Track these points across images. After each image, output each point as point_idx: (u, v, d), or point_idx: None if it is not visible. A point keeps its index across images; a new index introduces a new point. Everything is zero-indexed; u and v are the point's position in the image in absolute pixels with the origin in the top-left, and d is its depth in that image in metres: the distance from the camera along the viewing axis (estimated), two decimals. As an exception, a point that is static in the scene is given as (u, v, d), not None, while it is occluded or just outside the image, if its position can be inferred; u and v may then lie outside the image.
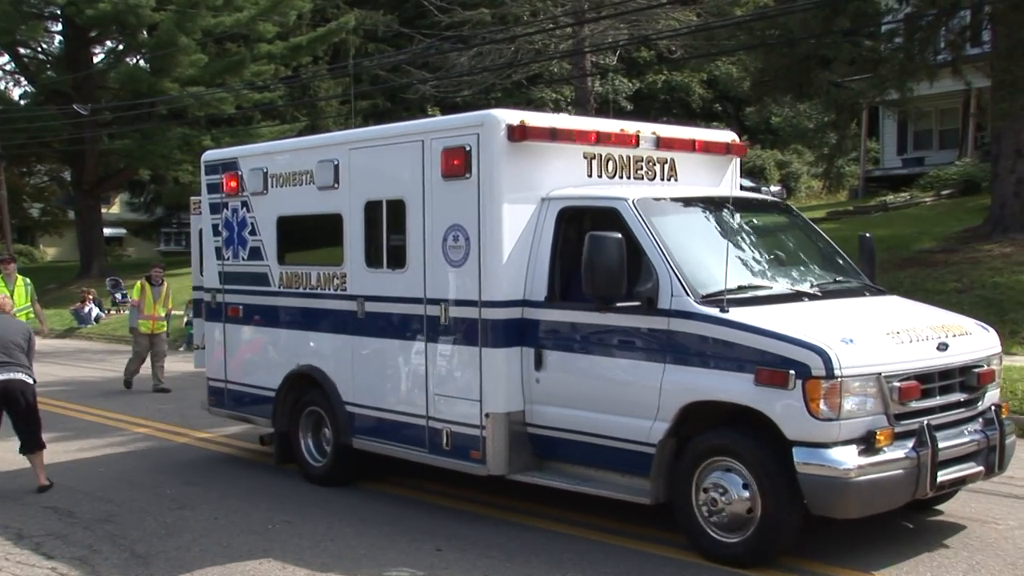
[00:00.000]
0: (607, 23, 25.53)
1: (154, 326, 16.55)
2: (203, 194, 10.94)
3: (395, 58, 34.86)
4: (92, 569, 7.12)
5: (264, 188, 10.04)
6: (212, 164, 10.88)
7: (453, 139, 8.13)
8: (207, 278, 10.99)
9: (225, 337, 10.64)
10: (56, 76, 38.48)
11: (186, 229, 66.35)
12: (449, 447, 8.23)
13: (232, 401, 10.64)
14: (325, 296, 9.38)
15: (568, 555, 7.18)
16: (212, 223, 10.77)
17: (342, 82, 43.49)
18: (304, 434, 9.71)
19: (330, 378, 9.29)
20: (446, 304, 8.21)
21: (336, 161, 9.25)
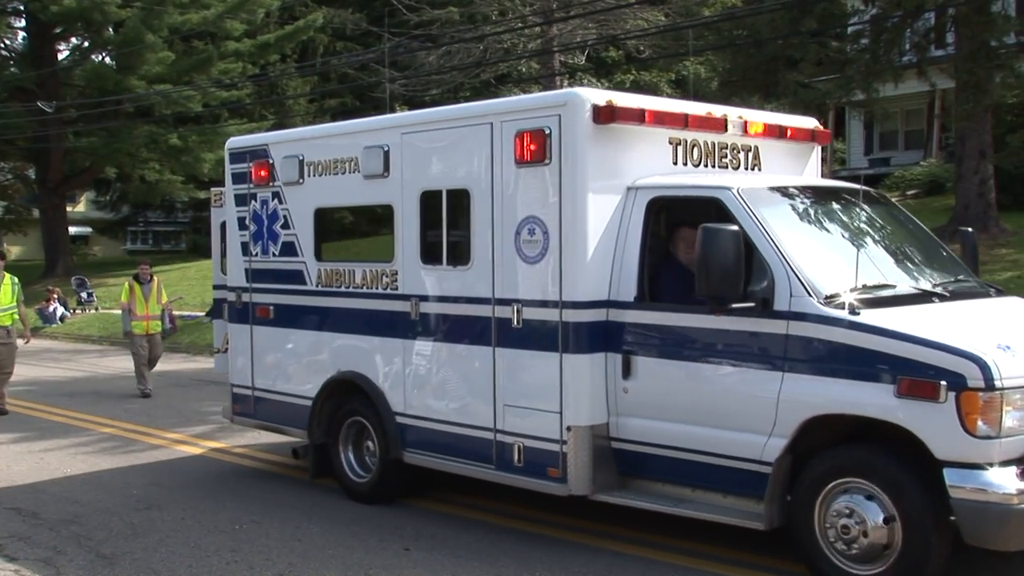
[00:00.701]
0: (576, 23, 25.57)
1: (149, 326, 15.74)
2: (227, 185, 10.19)
3: (363, 57, 34.74)
4: (57, 571, 7.07)
5: (299, 177, 9.26)
6: (238, 152, 10.05)
7: (530, 121, 7.35)
8: (231, 276, 10.20)
9: (252, 340, 9.83)
10: (20, 73, 38.05)
11: (153, 227, 66.62)
12: (521, 463, 7.45)
13: (260, 410, 9.82)
14: (372, 296, 8.61)
15: (537, 554, 7.20)
16: (238, 216, 9.98)
17: (310, 80, 43.38)
18: (344, 447, 8.97)
19: (377, 386, 8.53)
20: (519, 305, 7.44)
21: (386, 147, 8.44)
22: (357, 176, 8.74)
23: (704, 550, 7.15)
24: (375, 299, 8.59)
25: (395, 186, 8.40)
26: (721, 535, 7.02)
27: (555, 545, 7.42)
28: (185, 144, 37.03)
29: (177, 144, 36.80)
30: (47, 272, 38.67)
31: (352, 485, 8.88)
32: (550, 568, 6.91)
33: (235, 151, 10.12)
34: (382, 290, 8.53)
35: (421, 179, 8.22)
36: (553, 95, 7.65)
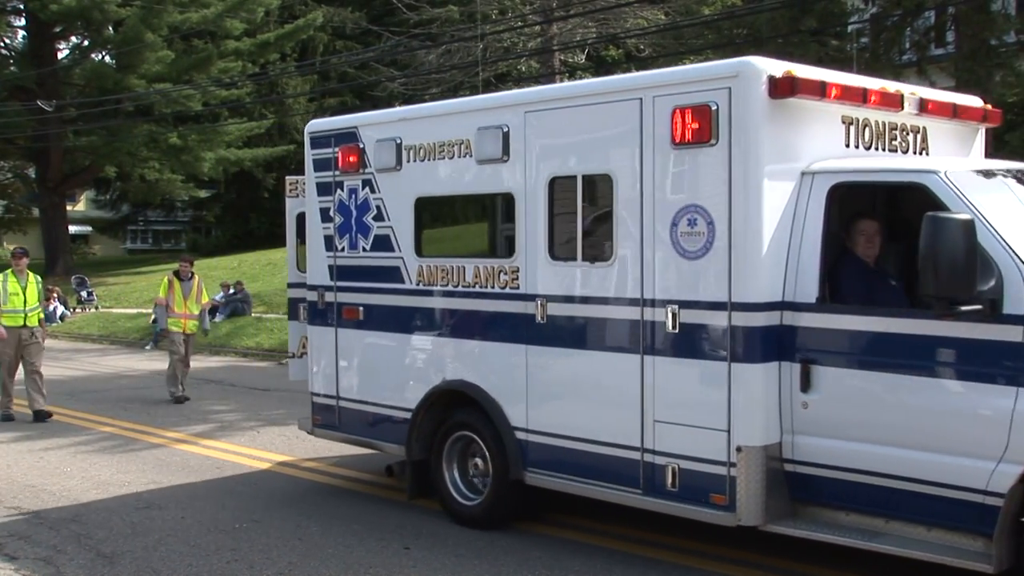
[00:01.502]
0: (575, 21, 25.58)
1: (187, 325, 14.93)
2: (307, 172, 9.28)
3: (363, 55, 34.74)
4: (57, 570, 7.07)
5: (397, 163, 8.38)
6: (321, 135, 9.13)
7: (690, 95, 6.47)
8: (311, 273, 9.31)
9: (337, 344, 8.95)
10: (20, 72, 38.08)
11: (153, 227, 66.50)
12: (676, 488, 6.58)
13: (347, 422, 8.93)
14: (487, 296, 7.70)
15: (536, 552, 7.21)
16: (320, 207, 9.12)
17: (310, 79, 43.40)
18: (449, 464, 8.10)
19: (492, 397, 7.64)
20: (675, 306, 6.54)
21: (505, 127, 7.54)
22: (468, 161, 7.86)
23: (705, 549, 7.16)
24: (490, 299, 7.69)
25: (517, 172, 7.51)
26: (722, 535, 7.02)
27: (555, 544, 7.42)
28: (185, 143, 37.05)
29: (177, 143, 36.83)
30: (47, 271, 38.63)
31: (459, 508, 8.01)
32: (549, 567, 6.91)
33: (317, 135, 9.19)
34: (499, 289, 7.62)
35: (550, 164, 7.33)
36: (721, 65, 6.68)
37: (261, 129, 40.97)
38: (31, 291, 13.35)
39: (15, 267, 13.34)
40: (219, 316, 25.20)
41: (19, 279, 13.28)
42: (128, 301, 32.21)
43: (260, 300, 27.60)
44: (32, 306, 13.36)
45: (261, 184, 45.91)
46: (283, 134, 44.37)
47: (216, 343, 22.92)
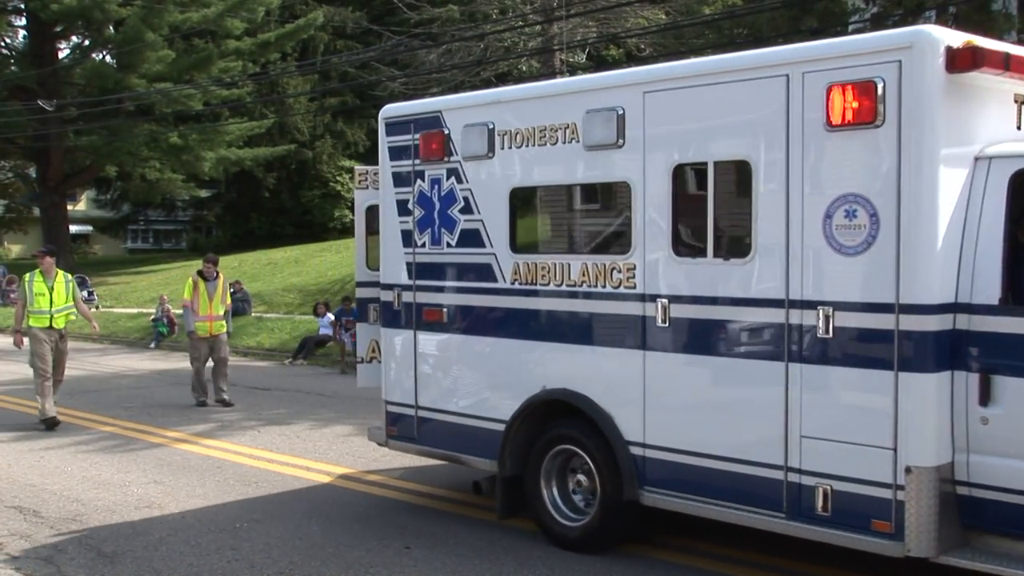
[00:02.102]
0: (576, 21, 25.58)
1: (212, 327, 14.37)
2: (382, 161, 8.55)
3: (364, 55, 34.74)
4: (58, 569, 7.06)
5: (489, 150, 7.65)
6: (398, 121, 8.41)
7: (850, 71, 5.78)
8: (385, 271, 8.58)
9: (416, 349, 8.27)
10: (20, 71, 38.11)
11: (154, 226, 66.52)
12: (828, 512, 5.92)
13: (427, 433, 8.24)
14: (596, 296, 7.01)
15: (537, 552, 7.21)
16: (397, 199, 8.40)
17: (310, 79, 43.40)
18: (547, 481, 7.41)
19: (602, 408, 6.96)
20: (829, 308, 5.87)
21: (620, 110, 6.84)
22: (575, 147, 7.14)
23: (706, 548, 7.16)
24: (600, 300, 7.00)
25: (634, 158, 6.81)
26: (721, 534, 7.03)
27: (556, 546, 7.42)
28: (185, 143, 37.07)
29: (177, 143, 36.85)
30: (48, 271, 38.66)
31: (558, 529, 7.33)
32: (551, 567, 6.91)
33: (394, 120, 8.46)
34: (612, 289, 6.92)
35: (674, 149, 6.65)
36: (890, 35, 5.95)
37: (262, 129, 40.98)
38: (59, 291, 12.83)
39: (42, 266, 12.88)
40: (220, 316, 25.20)
41: (46, 279, 12.82)
42: (129, 301, 32.21)
43: (261, 300, 27.61)
44: (60, 307, 12.81)
45: (262, 184, 45.92)
46: (284, 134, 44.38)
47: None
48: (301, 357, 20.00)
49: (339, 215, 47.28)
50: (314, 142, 46.08)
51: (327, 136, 46.46)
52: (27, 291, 12.77)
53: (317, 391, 15.85)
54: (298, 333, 21.70)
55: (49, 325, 12.76)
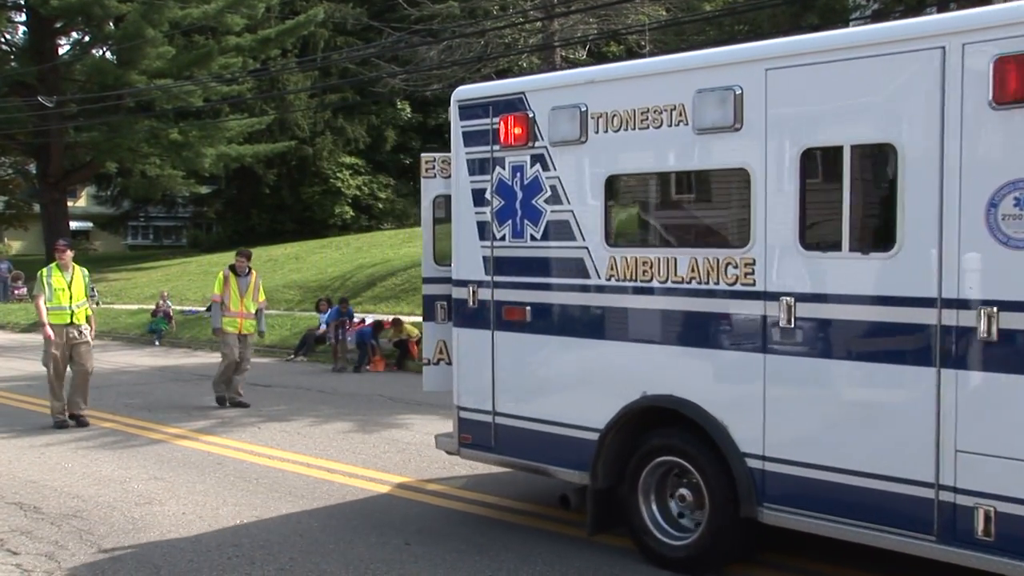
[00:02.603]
0: (577, 17, 25.56)
1: (243, 325, 13.89)
2: (455, 147, 7.96)
3: (364, 51, 34.73)
4: (58, 565, 7.07)
5: (580, 135, 7.05)
6: (475, 104, 7.83)
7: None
8: (459, 266, 7.97)
9: (495, 350, 7.70)
10: (20, 67, 38.09)
11: (154, 223, 66.50)
12: (991, 537, 5.33)
13: (506, 442, 7.65)
14: (707, 293, 6.43)
15: (538, 549, 7.21)
16: (472, 188, 7.82)
17: (311, 75, 43.40)
18: (645, 495, 6.86)
19: (713, 416, 6.39)
20: (993, 308, 5.27)
21: (738, 89, 6.25)
22: (684, 130, 6.54)
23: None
24: (712, 298, 6.41)
25: (753, 142, 6.23)
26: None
27: (555, 540, 7.42)
28: (186, 139, 37.07)
29: (178, 139, 36.85)
30: (48, 267, 38.70)
31: (659, 548, 6.79)
32: (550, 563, 6.91)
33: (469, 103, 7.88)
34: (726, 286, 6.34)
35: (802, 132, 6.07)
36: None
37: (262, 125, 40.97)
38: (77, 286, 12.48)
39: (59, 260, 12.51)
40: (220, 312, 25.24)
41: (64, 273, 12.45)
42: (129, 297, 32.21)
43: (261, 296, 27.59)
44: (79, 302, 12.47)
45: (262, 180, 45.91)
46: (284, 130, 44.38)
47: (217, 339, 22.92)
48: (302, 354, 20.01)
49: (339, 212, 47.28)
50: (314, 138, 46.07)
51: (327, 132, 46.45)
52: (45, 285, 12.40)
53: (317, 388, 15.86)
54: (298, 330, 21.71)
55: (69, 321, 12.43)
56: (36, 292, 12.73)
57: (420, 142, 50.80)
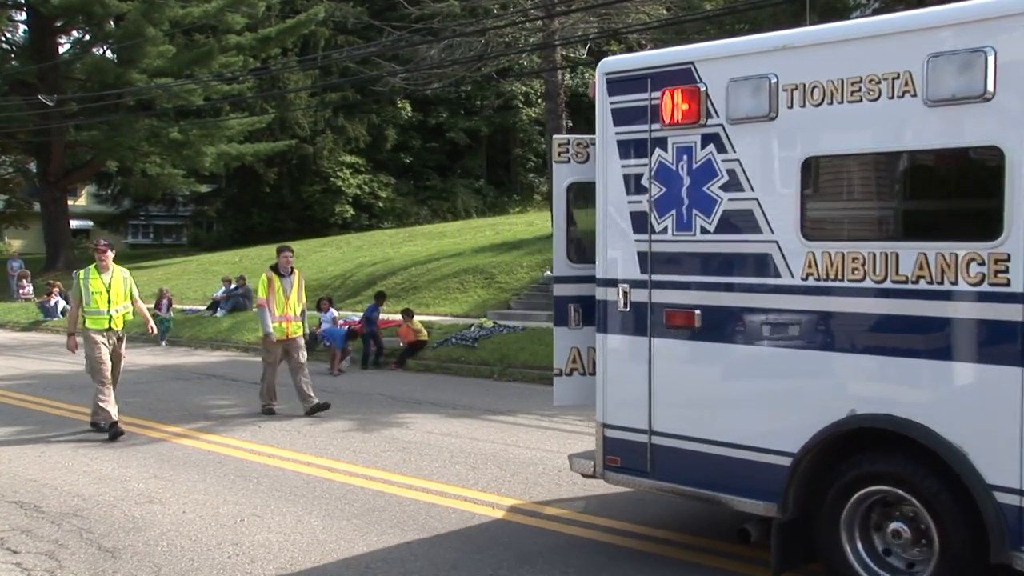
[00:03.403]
0: (577, 16, 25.56)
1: (289, 329, 13.02)
2: (602, 127, 6.99)
3: (365, 50, 34.74)
4: (59, 564, 7.07)
5: (769, 110, 6.11)
6: (627, 77, 6.86)
7: None
8: (606, 263, 7.01)
9: (653, 360, 6.74)
10: (21, 66, 38.12)
11: (154, 221, 66.48)
12: None
13: (666, 465, 6.70)
14: (941, 295, 5.51)
15: (538, 548, 7.20)
16: (625, 174, 6.85)
17: (311, 74, 43.40)
18: (849, 530, 5.94)
19: (949, 441, 5.44)
20: None
21: (987, 50, 5.26)
22: (909, 103, 5.61)
23: (703, 544, 7.16)
24: (949, 301, 5.48)
25: (1009, 114, 5.26)
26: (719, 529, 7.03)
27: (555, 539, 7.42)
28: (186, 138, 37.10)
29: (178, 138, 36.88)
30: (48, 266, 38.73)
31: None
32: (551, 562, 6.91)
33: (620, 75, 6.91)
34: (968, 286, 5.40)
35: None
36: None
37: (262, 124, 41.01)
38: (116, 289, 11.67)
39: (99, 261, 11.70)
40: (220, 311, 25.27)
41: (102, 274, 11.66)
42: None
43: (261, 295, 27.62)
44: (118, 306, 11.67)
45: (262, 179, 45.94)
46: (284, 129, 44.41)
47: (217, 337, 22.96)
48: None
49: (340, 210, 47.30)
50: (315, 137, 46.10)
51: (328, 131, 46.47)
52: (82, 289, 11.62)
53: (317, 387, 15.83)
54: (299, 328, 21.69)
55: (108, 327, 11.67)
56: (72, 296, 12.01)
57: (420, 141, 50.86)
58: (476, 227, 37.61)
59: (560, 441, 10.87)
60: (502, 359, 16.90)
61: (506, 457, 10.11)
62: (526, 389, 15.14)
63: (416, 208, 50.26)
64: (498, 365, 16.73)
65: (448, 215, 49.32)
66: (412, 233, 38.74)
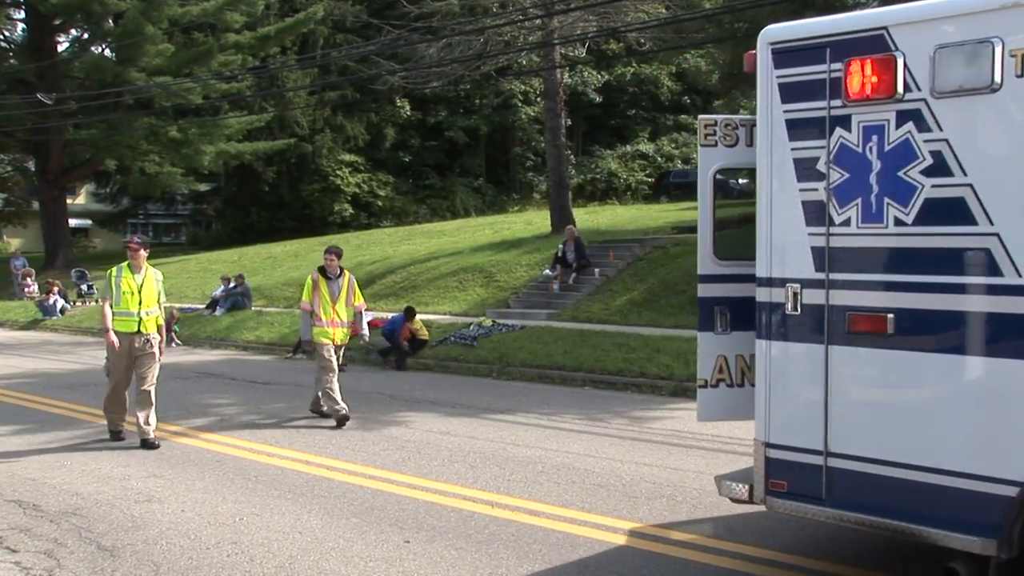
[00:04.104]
0: (576, 15, 25.56)
1: (336, 335, 12.26)
2: (766, 104, 6.18)
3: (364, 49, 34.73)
4: (58, 563, 7.07)
5: (991, 81, 5.22)
6: (800, 46, 6.07)
7: None
8: (772, 259, 6.17)
9: (830, 370, 5.90)
10: (19, 64, 38.11)
11: (153, 220, 66.49)
12: None
13: (851, 492, 5.82)
14: None
15: (536, 546, 7.20)
16: (796, 158, 6.04)
17: (310, 73, 43.40)
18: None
19: None
20: None
21: None
22: None
23: (702, 542, 7.16)
24: None
25: None
26: (718, 527, 7.03)
27: (555, 537, 7.42)
28: (185, 136, 37.12)
29: (177, 136, 36.89)
30: (47, 264, 38.72)
31: None
32: (549, 560, 6.91)
33: (790, 45, 6.10)
34: None
35: None
36: None
37: (261, 123, 41.03)
38: (148, 290, 11.09)
39: (132, 260, 11.14)
40: (219, 310, 25.27)
41: (134, 273, 11.11)
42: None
43: (260, 294, 27.65)
44: (149, 308, 11.06)
45: (261, 178, 45.96)
46: (283, 127, 44.41)
47: (216, 336, 22.95)
48: (301, 351, 19.98)
49: (339, 209, 47.32)
50: (314, 136, 46.11)
51: (327, 130, 46.49)
52: (113, 288, 11.07)
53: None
54: (297, 327, 21.68)
55: (136, 329, 11.02)
56: (103, 295, 11.41)
57: (419, 140, 50.88)
58: (475, 226, 37.64)
59: (559, 440, 10.88)
60: (501, 358, 16.90)
61: (505, 456, 10.12)
62: (525, 388, 15.15)
63: (415, 207, 50.29)
64: (497, 364, 16.73)
65: (447, 214, 49.35)
66: (411, 232, 38.76)
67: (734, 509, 7.57)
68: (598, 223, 31.52)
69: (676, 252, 22.89)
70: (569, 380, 15.37)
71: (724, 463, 9.48)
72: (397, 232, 39.24)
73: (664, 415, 12.45)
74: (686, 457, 9.89)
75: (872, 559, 6.70)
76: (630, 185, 50.89)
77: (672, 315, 18.90)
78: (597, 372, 15.28)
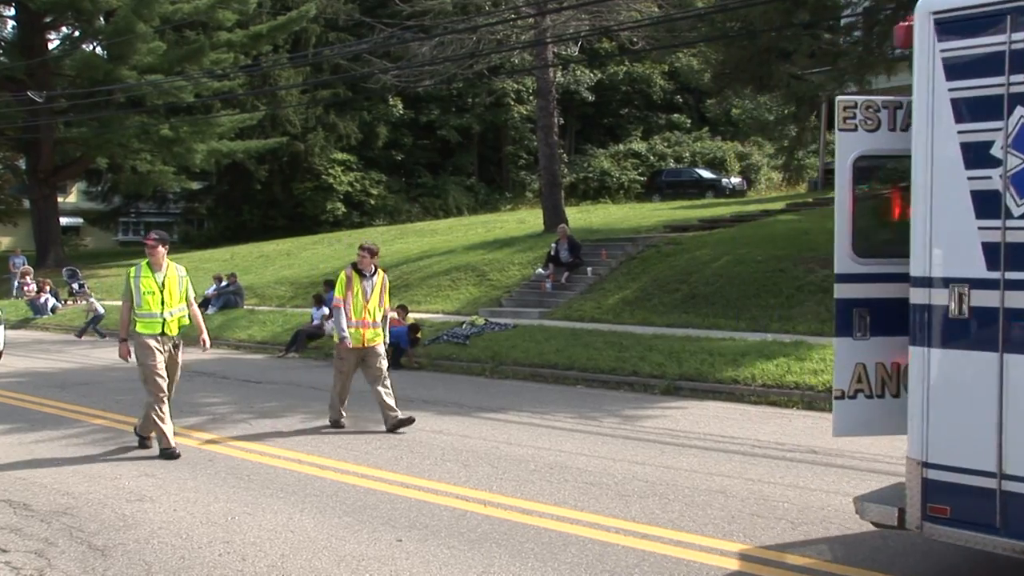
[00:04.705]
0: (569, 14, 25.57)
1: (366, 336, 11.64)
2: (926, 81, 5.49)
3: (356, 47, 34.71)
4: (48, 563, 7.04)
5: None
6: (971, 15, 5.33)
7: None
8: (936, 256, 5.51)
9: (1005, 382, 5.23)
10: (9, 62, 38.00)
11: (145, 218, 66.40)
12: None
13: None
14: None
15: (529, 544, 7.20)
16: (964, 142, 5.35)
17: (302, 71, 43.34)
18: None
19: None
20: None
21: None
22: None
23: (696, 541, 7.16)
24: None
25: None
26: (715, 526, 7.03)
27: (547, 536, 7.41)
28: (177, 135, 37.05)
29: (168, 135, 36.82)
30: (38, 263, 38.63)
31: None
32: (542, 559, 6.90)
33: (957, 14, 5.39)
34: None
35: None
36: None
37: (253, 121, 40.96)
38: (171, 289, 10.41)
39: (150, 257, 10.43)
40: (211, 309, 25.22)
41: (154, 272, 10.42)
42: (119, 293, 32.15)
43: (252, 292, 27.62)
44: (173, 308, 10.41)
45: (253, 176, 45.88)
46: (275, 126, 44.36)
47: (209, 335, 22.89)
48: (293, 350, 19.98)
49: (331, 208, 47.27)
50: (306, 134, 46.05)
51: (319, 128, 46.44)
52: (132, 289, 10.37)
53: (309, 384, 15.84)
54: (290, 326, 21.68)
55: (161, 331, 10.38)
56: (123, 297, 10.58)
57: (412, 138, 50.86)
58: (467, 224, 37.64)
59: (552, 438, 10.87)
60: (493, 356, 16.89)
61: (497, 454, 10.11)
62: (517, 386, 15.14)
63: (407, 205, 50.27)
64: (489, 363, 16.72)
65: (439, 212, 49.34)
66: (403, 230, 38.74)
67: (711, 507, 7.57)
68: (591, 222, 31.55)
69: (668, 251, 22.92)
70: (562, 379, 15.37)
71: (716, 461, 9.49)
72: (390, 231, 39.22)
73: (656, 413, 12.46)
74: (679, 455, 9.89)
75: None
76: (623, 184, 50.90)
77: (664, 314, 18.91)
78: (590, 371, 15.28)
